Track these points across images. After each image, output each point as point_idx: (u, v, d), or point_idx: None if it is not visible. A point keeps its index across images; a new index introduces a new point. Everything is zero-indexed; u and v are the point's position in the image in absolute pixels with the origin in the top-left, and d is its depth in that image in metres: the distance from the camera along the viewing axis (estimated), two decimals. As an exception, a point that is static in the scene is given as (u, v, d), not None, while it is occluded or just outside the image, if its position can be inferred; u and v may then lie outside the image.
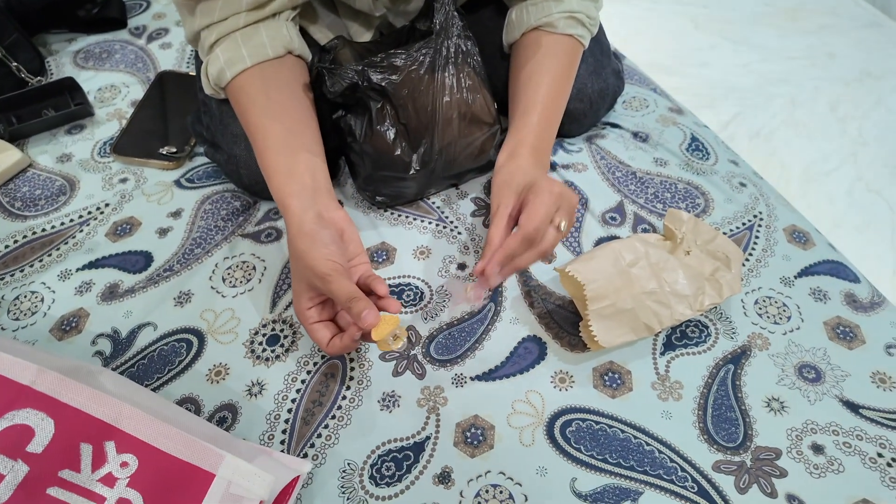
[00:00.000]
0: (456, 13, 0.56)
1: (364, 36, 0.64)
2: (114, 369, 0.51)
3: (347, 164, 0.64)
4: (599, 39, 0.66)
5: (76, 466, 0.40)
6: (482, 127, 0.60)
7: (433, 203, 0.64)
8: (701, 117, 1.63)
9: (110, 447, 0.41)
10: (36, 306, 0.56)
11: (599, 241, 0.60)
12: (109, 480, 0.40)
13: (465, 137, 0.59)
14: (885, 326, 0.54)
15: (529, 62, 0.57)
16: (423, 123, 0.57)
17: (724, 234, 0.60)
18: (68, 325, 0.55)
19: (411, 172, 0.58)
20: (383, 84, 0.54)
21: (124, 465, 0.41)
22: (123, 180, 0.66)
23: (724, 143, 0.71)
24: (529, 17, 0.57)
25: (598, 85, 0.64)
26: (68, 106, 0.71)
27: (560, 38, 0.57)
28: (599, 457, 0.47)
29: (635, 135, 0.70)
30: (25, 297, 0.57)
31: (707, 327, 0.54)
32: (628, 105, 0.74)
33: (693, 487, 0.45)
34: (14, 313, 0.56)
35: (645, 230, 0.61)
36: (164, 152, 0.66)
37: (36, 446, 0.40)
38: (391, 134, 0.56)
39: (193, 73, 0.76)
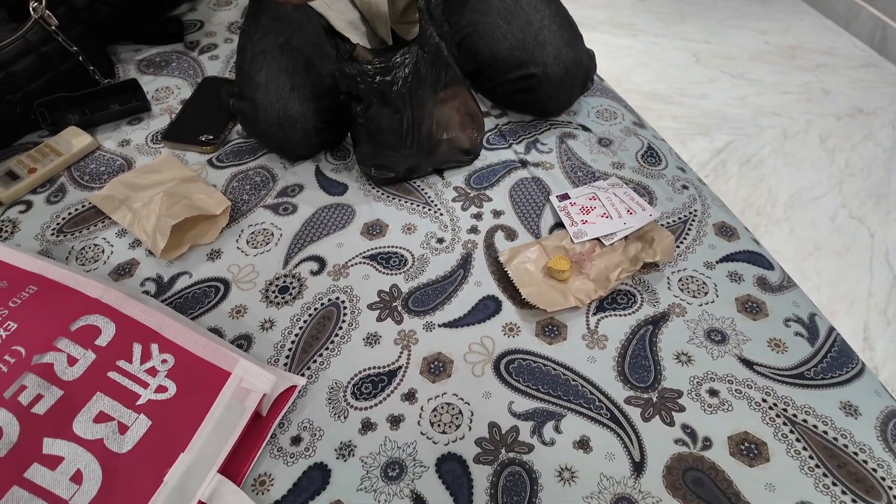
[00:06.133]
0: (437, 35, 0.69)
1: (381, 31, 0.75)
2: (157, 304, 0.65)
3: (352, 137, 0.78)
4: (573, 29, 0.79)
5: (129, 359, 0.53)
6: (465, 129, 0.74)
7: (421, 188, 0.77)
8: (695, 144, 1.75)
9: (154, 348, 0.54)
10: (98, 256, 0.70)
11: (554, 227, 0.72)
12: (153, 372, 0.53)
13: (447, 136, 0.72)
14: (788, 304, 0.65)
15: None
16: (412, 117, 0.70)
17: (662, 225, 0.72)
18: (123, 271, 0.68)
19: (400, 150, 0.71)
20: (394, 89, 0.67)
21: (164, 361, 0.54)
22: (172, 162, 0.81)
23: (676, 154, 0.83)
24: None
25: (573, 54, 0.76)
26: (130, 102, 0.86)
27: None
28: (534, 387, 0.58)
29: (600, 140, 0.82)
30: (90, 248, 0.71)
31: (635, 296, 0.65)
32: (600, 114, 0.87)
33: (607, 414, 0.56)
34: (81, 260, 0.70)
35: (595, 219, 0.73)
36: (203, 139, 0.81)
37: (101, 341, 0.53)
38: (388, 120, 0.69)
39: (231, 78, 0.91)
